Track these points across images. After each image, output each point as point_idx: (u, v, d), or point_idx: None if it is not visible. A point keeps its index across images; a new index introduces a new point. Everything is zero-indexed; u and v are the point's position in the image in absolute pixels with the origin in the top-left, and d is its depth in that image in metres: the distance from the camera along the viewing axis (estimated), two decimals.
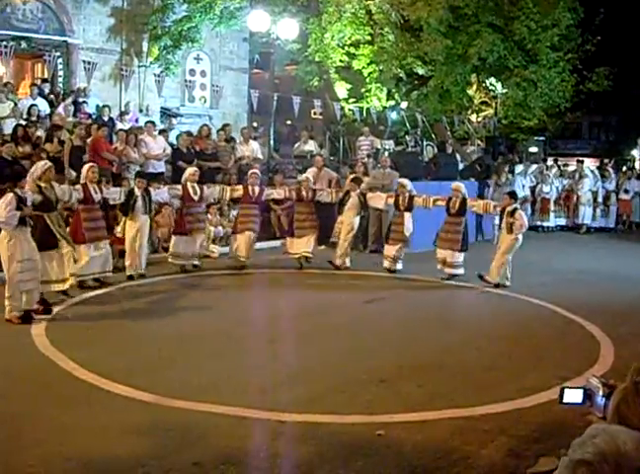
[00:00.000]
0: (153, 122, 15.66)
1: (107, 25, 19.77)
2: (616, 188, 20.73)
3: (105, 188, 11.06)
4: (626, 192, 20.80)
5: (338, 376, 6.77)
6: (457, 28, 21.01)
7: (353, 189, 12.76)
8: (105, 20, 19.74)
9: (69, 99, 16.54)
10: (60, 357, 7.06)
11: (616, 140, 39.61)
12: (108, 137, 14.50)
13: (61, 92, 17.74)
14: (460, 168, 17.72)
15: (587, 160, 25.48)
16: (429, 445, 5.21)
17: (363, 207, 12.90)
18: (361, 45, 20.59)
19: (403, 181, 12.58)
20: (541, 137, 29.42)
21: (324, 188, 13.60)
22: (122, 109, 17.81)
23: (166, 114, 20.38)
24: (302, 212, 12.72)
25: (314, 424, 5.55)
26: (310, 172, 14.49)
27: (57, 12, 18.79)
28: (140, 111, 18.64)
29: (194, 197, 12.01)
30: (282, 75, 25.33)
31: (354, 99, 21.44)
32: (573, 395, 2.71)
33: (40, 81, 17.91)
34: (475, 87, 24.13)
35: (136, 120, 17.03)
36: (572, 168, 21.17)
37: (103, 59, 19.45)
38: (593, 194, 19.86)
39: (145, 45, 20.19)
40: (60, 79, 18.92)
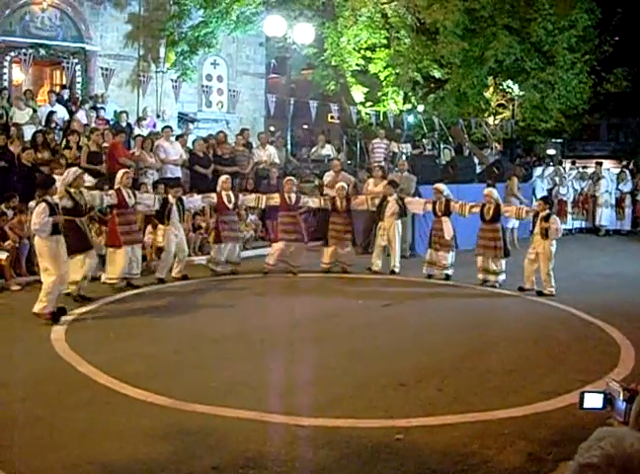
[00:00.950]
0: (171, 128, 15.74)
1: (124, 31, 19.91)
2: (635, 189, 20.50)
3: (139, 193, 11.27)
4: None
5: (356, 380, 6.76)
6: (474, 30, 20.96)
7: (389, 193, 12.65)
8: (122, 26, 19.88)
9: (87, 105, 16.66)
10: (80, 362, 7.10)
11: (635, 142, 39.28)
12: (126, 143, 14.61)
13: (79, 98, 17.88)
14: (478, 171, 17.66)
15: (605, 162, 25.28)
16: (448, 449, 5.19)
17: (403, 211, 12.76)
18: (378, 49, 20.59)
19: (439, 186, 12.40)
20: (559, 139, 29.28)
21: (357, 196, 13.42)
22: (140, 114, 17.92)
23: (183, 119, 20.49)
24: (338, 223, 12.66)
25: (333, 428, 5.55)
26: (327, 176, 14.50)
27: (75, 19, 18.96)
28: (158, 116, 18.74)
29: (228, 205, 12.14)
30: (299, 79, 25.42)
31: (370, 103, 21.44)
32: (593, 400, 2.68)
33: (59, 88, 18.06)
34: (492, 89, 24.08)
35: (154, 126, 17.13)
36: (590, 170, 20.99)
37: (120, 65, 19.59)
38: (610, 195, 19.69)
39: (162, 51, 20.31)
40: (78, 86, 19.06)
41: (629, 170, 20.87)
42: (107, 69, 18.75)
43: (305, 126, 25.90)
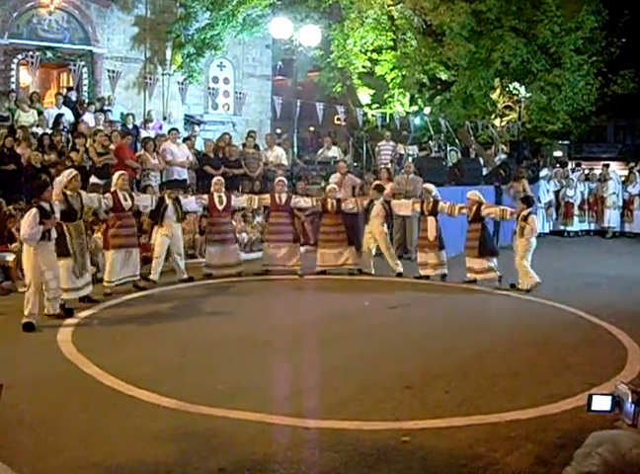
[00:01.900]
0: (177, 130, 15.77)
1: (131, 34, 19.97)
2: None
3: (136, 195, 11.13)
4: None
5: (362, 382, 6.75)
6: (480, 32, 20.97)
7: (376, 197, 12.71)
8: (129, 29, 19.94)
9: (92, 107, 16.70)
10: (86, 364, 7.10)
11: None
12: (132, 145, 14.64)
13: (86, 101, 17.93)
14: (484, 173, 17.63)
15: (612, 164, 25.18)
16: (455, 452, 5.18)
17: (389, 215, 12.83)
18: (384, 51, 20.62)
19: (428, 186, 12.54)
20: (566, 141, 29.21)
21: (349, 197, 13.52)
22: (146, 117, 17.95)
23: (189, 121, 20.52)
24: (328, 224, 12.69)
25: (339, 430, 5.53)
26: (334, 178, 14.50)
27: (82, 22, 19.03)
28: (164, 118, 18.79)
29: (219, 206, 12.04)
30: (305, 81, 25.45)
31: (377, 104, 21.47)
32: (601, 402, 2.67)
33: (66, 90, 18.12)
34: (498, 91, 24.04)
35: (160, 128, 17.16)
36: (598, 171, 20.92)
37: (127, 68, 19.65)
38: (617, 197, 19.61)
39: (169, 54, 20.36)
40: (85, 88, 19.12)
41: (638, 171, 20.78)
42: (113, 72, 18.82)
43: (312, 129, 25.92)
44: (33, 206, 8.56)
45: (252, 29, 20.33)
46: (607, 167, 20.80)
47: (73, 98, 17.23)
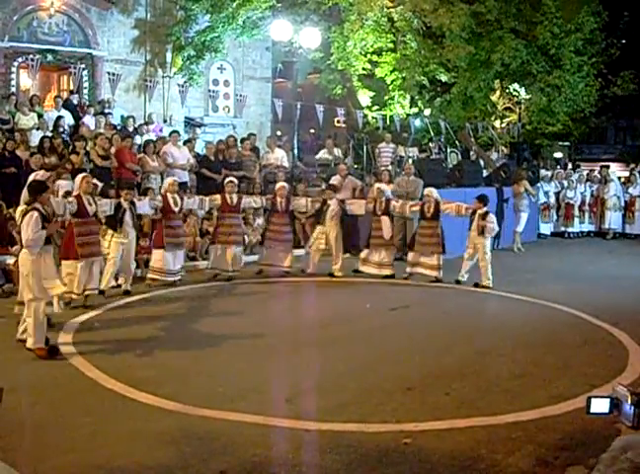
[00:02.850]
0: (178, 133, 15.77)
1: (131, 36, 20.02)
2: None
3: (98, 200, 10.22)
4: None
5: (363, 384, 6.75)
6: (480, 34, 20.98)
7: (329, 197, 12.66)
8: (129, 32, 19.99)
9: (92, 109, 16.71)
10: (87, 367, 7.11)
11: None
12: (135, 148, 14.63)
13: (86, 103, 17.95)
14: (485, 174, 17.64)
15: (612, 165, 25.18)
16: (456, 454, 5.18)
17: (345, 215, 12.81)
18: (384, 53, 20.63)
19: (381, 186, 12.70)
20: (566, 143, 29.20)
21: (302, 198, 13.32)
22: (146, 119, 17.97)
23: (190, 123, 20.54)
24: (276, 223, 12.57)
25: (340, 432, 5.54)
26: (334, 180, 14.50)
27: (82, 25, 19.08)
28: (164, 121, 18.80)
29: (174, 208, 11.44)
30: (305, 84, 25.47)
31: (377, 106, 21.48)
32: (600, 405, 2.68)
33: (67, 93, 18.12)
34: (498, 93, 24.07)
35: (160, 130, 17.17)
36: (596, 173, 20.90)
37: (127, 71, 19.69)
38: (618, 199, 19.61)
39: (169, 56, 20.40)
40: (85, 91, 19.16)
41: (638, 173, 20.78)
42: (113, 74, 18.86)
43: (312, 131, 25.89)
44: (30, 209, 7.61)
45: (252, 31, 20.37)
46: (607, 168, 20.80)
47: (74, 101, 17.25)
